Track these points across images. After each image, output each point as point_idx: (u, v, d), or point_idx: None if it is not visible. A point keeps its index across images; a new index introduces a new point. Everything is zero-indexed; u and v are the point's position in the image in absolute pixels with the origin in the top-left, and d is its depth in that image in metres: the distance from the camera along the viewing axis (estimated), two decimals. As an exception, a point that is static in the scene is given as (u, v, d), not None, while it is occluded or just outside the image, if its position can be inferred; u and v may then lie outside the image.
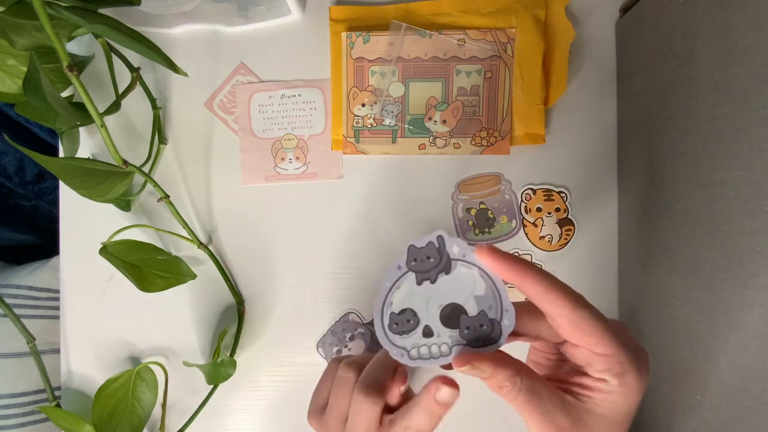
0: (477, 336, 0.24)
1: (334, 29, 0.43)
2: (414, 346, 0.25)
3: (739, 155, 0.26)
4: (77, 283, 0.45)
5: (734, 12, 0.27)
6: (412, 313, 0.25)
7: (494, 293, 0.24)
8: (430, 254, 0.25)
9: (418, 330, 0.25)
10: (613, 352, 0.22)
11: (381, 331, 0.25)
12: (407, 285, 0.25)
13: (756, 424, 0.26)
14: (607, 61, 0.43)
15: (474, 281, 0.24)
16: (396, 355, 0.25)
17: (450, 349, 0.24)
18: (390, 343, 0.25)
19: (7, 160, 0.60)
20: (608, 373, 0.22)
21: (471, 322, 0.24)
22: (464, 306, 0.24)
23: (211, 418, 0.44)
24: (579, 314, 0.22)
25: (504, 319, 0.24)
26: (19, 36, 0.32)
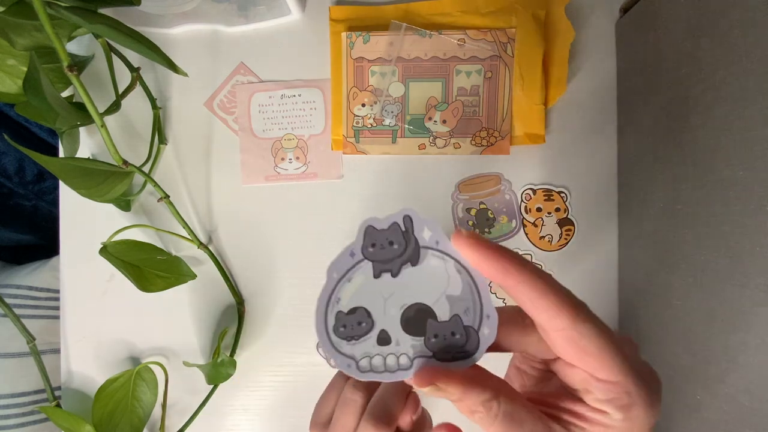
0: (447, 347, 0.19)
1: (334, 29, 0.43)
2: (365, 355, 0.19)
3: (739, 155, 0.26)
4: (77, 283, 0.45)
5: (734, 12, 0.27)
6: (365, 313, 0.20)
7: (473, 293, 0.19)
8: (393, 239, 0.19)
9: (371, 335, 0.19)
10: (620, 380, 0.18)
11: (324, 335, 0.20)
12: (361, 277, 0.20)
13: (756, 424, 0.26)
14: (607, 61, 0.43)
15: (448, 277, 0.19)
16: (341, 366, 0.19)
17: (411, 361, 0.19)
18: (334, 350, 0.20)
19: (7, 160, 0.60)
20: (610, 405, 0.18)
21: (440, 328, 0.19)
22: (433, 308, 0.19)
23: (211, 418, 0.44)
24: (580, 330, 0.17)
25: (483, 328, 0.19)
26: (19, 36, 0.32)
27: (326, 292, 0.20)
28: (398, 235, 0.19)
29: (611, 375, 0.18)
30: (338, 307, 0.20)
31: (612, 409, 0.18)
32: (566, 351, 0.18)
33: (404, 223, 0.19)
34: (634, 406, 0.18)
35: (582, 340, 0.17)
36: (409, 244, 0.19)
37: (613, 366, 0.17)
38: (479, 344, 0.19)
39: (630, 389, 0.18)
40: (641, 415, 0.18)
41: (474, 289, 0.19)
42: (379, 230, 0.20)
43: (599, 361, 0.18)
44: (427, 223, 0.19)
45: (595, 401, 0.18)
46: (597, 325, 0.18)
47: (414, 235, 0.19)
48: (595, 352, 0.17)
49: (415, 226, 0.19)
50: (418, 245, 0.19)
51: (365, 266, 0.20)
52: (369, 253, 0.20)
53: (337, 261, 0.20)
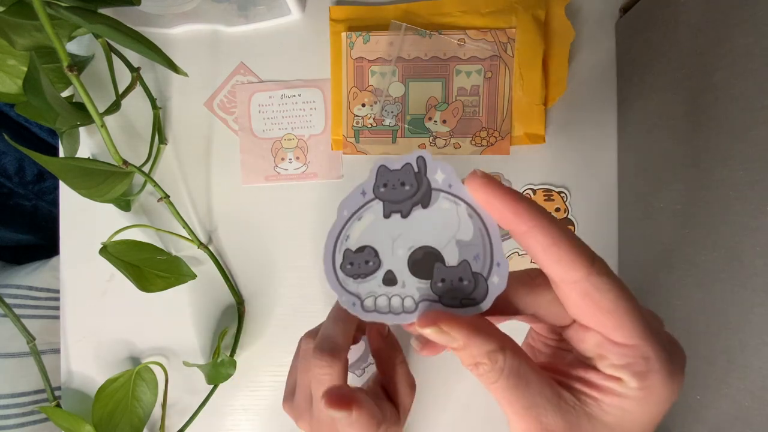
0: (453, 292, 0.18)
1: (334, 29, 0.43)
2: (370, 294, 0.19)
3: (739, 155, 0.26)
4: (77, 283, 0.45)
5: (734, 12, 0.27)
6: (373, 252, 0.19)
7: (484, 240, 0.18)
8: (405, 180, 0.19)
9: (377, 275, 0.19)
10: (638, 343, 0.16)
11: (331, 271, 0.20)
12: (371, 216, 0.19)
13: (756, 424, 0.26)
14: (607, 61, 0.42)
15: (459, 221, 0.18)
16: (346, 303, 0.19)
17: (416, 304, 0.19)
18: (340, 287, 0.20)
19: (7, 160, 0.60)
20: (626, 371, 0.16)
21: (448, 273, 0.18)
22: (442, 252, 0.19)
23: (211, 418, 0.44)
24: (595, 282, 0.16)
25: (493, 276, 0.18)
26: (19, 36, 0.32)
27: (336, 228, 0.20)
28: (410, 176, 0.19)
29: (628, 336, 0.16)
30: (347, 245, 0.20)
31: (627, 375, 0.16)
32: (580, 307, 0.17)
33: (417, 164, 0.19)
34: (652, 373, 0.16)
35: (596, 294, 0.16)
36: (421, 185, 0.19)
37: (630, 326, 0.16)
38: (488, 292, 0.18)
39: (648, 354, 0.16)
40: (659, 384, 0.16)
41: (485, 235, 0.18)
42: (391, 170, 0.19)
43: (615, 319, 0.16)
44: (441, 165, 0.19)
45: (610, 367, 0.17)
46: (613, 280, 0.16)
47: (426, 177, 0.19)
48: (611, 308, 0.16)
49: (429, 168, 0.19)
50: (430, 187, 0.19)
51: (376, 206, 0.19)
52: (380, 192, 0.19)
53: (348, 199, 0.20)
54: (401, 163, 0.19)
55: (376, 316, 0.19)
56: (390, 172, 0.19)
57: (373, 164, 0.19)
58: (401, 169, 0.19)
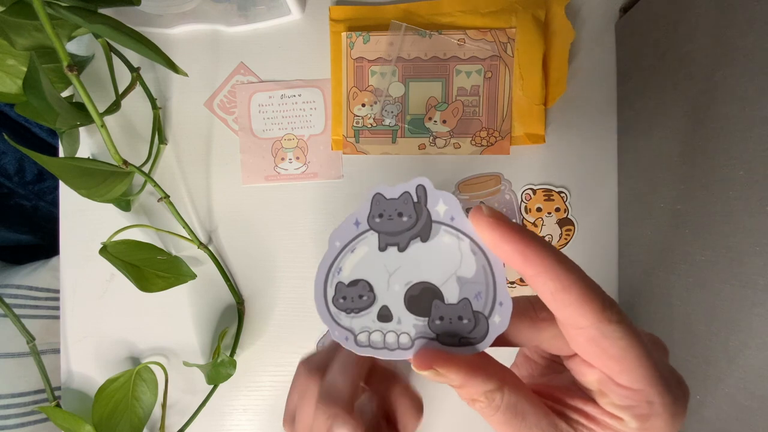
0: (452, 331, 0.17)
1: (334, 29, 0.43)
2: (364, 329, 0.18)
3: (739, 155, 0.26)
4: (77, 283, 0.45)
5: (734, 12, 0.27)
6: (367, 286, 0.18)
7: (487, 277, 0.17)
8: (403, 211, 0.18)
9: (372, 310, 0.18)
10: (643, 388, 0.16)
11: (322, 305, 0.19)
12: (365, 248, 0.18)
13: (756, 424, 0.26)
14: (607, 61, 0.43)
15: (461, 257, 0.17)
16: (338, 338, 0.18)
17: (412, 341, 0.18)
18: (332, 321, 0.19)
19: (7, 160, 0.60)
20: (628, 413, 0.16)
21: (447, 311, 0.17)
22: (441, 289, 0.18)
23: (211, 418, 0.44)
24: (605, 331, 0.15)
25: (495, 315, 0.17)
26: (19, 36, 0.32)
27: (327, 261, 0.19)
28: (409, 206, 0.18)
29: (633, 382, 0.16)
30: (339, 278, 0.19)
31: (629, 416, 0.16)
32: (586, 350, 0.16)
33: (417, 193, 0.18)
34: (654, 416, 0.16)
35: (605, 342, 0.16)
36: (421, 217, 0.18)
37: (637, 372, 0.16)
38: (488, 332, 0.17)
39: (653, 399, 0.16)
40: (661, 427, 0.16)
41: (489, 272, 0.17)
42: (388, 199, 0.18)
43: (622, 366, 0.16)
44: (443, 196, 0.18)
45: (611, 405, 0.17)
46: (624, 327, 0.16)
47: (426, 208, 0.18)
48: (619, 355, 0.16)
49: (429, 198, 0.18)
50: (431, 219, 0.18)
51: (370, 237, 0.18)
52: (375, 223, 0.18)
53: (341, 229, 0.19)
54: (399, 191, 0.18)
55: (371, 351, 0.18)
56: (386, 201, 0.18)
57: (368, 192, 0.18)
58: (399, 198, 0.18)
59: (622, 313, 0.16)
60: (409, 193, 0.18)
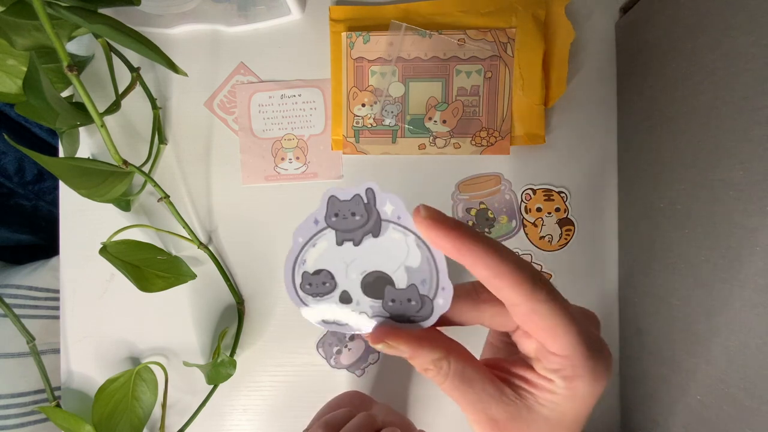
0: (402, 310, 0.20)
1: (334, 29, 0.43)
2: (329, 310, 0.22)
3: (739, 155, 0.26)
4: (77, 283, 0.45)
5: (734, 12, 0.27)
6: (329, 275, 0.21)
7: (431, 266, 0.20)
8: (355, 210, 0.20)
9: (334, 294, 0.21)
10: (568, 354, 0.19)
11: (292, 290, 0.21)
12: (325, 243, 0.21)
13: (756, 424, 0.26)
14: (607, 61, 0.43)
15: (408, 250, 0.20)
16: (308, 315, 0.21)
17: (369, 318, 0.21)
18: (301, 302, 0.21)
19: (7, 160, 0.60)
20: (556, 375, 0.19)
21: (397, 294, 0.20)
22: (392, 276, 0.20)
23: (211, 418, 0.44)
24: (535, 307, 0.18)
25: (438, 298, 0.20)
26: (19, 36, 0.32)
27: (292, 254, 0.21)
28: (360, 207, 0.20)
29: (560, 348, 0.19)
30: (304, 268, 0.21)
31: (557, 378, 0.19)
32: (523, 323, 0.19)
33: (366, 195, 0.20)
34: (578, 378, 0.19)
35: (536, 316, 0.19)
36: (371, 216, 0.20)
37: (563, 340, 0.19)
38: (433, 312, 0.20)
39: (576, 363, 0.19)
40: (584, 386, 0.19)
41: (432, 262, 0.20)
42: (341, 201, 0.20)
43: (551, 335, 0.19)
44: (390, 197, 0.20)
45: (544, 370, 0.20)
46: (551, 303, 0.18)
47: (376, 208, 0.20)
48: (548, 326, 0.19)
49: (378, 200, 0.20)
50: (380, 218, 0.20)
51: (329, 234, 0.21)
52: (332, 222, 0.21)
53: (302, 227, 0.21)
54: (351, 194, 0.20)
55: (336, 327, 0.21)
56: (340, 202, 0.20)
57: (323, 194, 0.21)
58: (351, 199, 0.20)
59: (551, 291, 0.19)
60: (359, 195, 0.20)
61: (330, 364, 0.44)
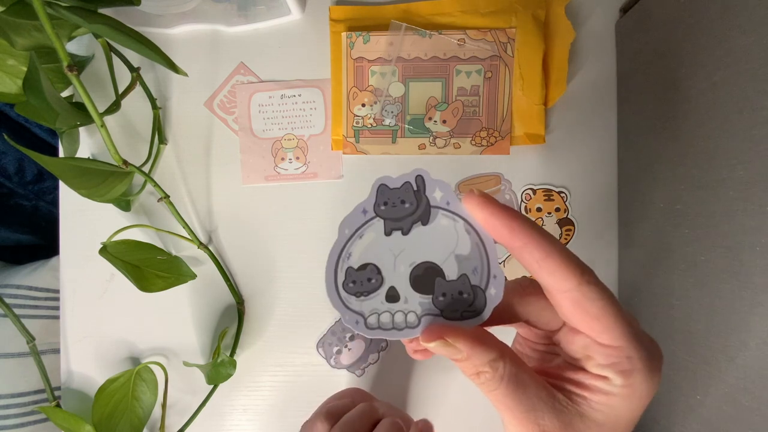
0: (454, 305, 0.19)
1: (334, 29, 0.43)
2: (373, 312, 0.20)
3: (739, 155, 0.26)
4: (77, 283, 0.45)
5: (734, 12, 0.27)
6: (375, 270, 0.20)
7: (481, 254, 0.19)
8: (405, 198, 0.20)
9: (380, 292, 0.20)
10: (622, 345, 0.18)
11: (333, 290, 0.20)
12: (372, 234, 0.20)
13: (756, 424, 0.26)
14: (607, 61, 0.43)
15: (457, 237, 0.19)
16: (349, 322, 0.20)
17: (419, 319, 0.20)
18: (343, 306, 0.20)
19: (7, 160, 0.60)
20: (611, 370, 0.18)
21: (448, 287, 0.19)
22: (442, 267, 0.20)
23: (211, 418, 0.44)
24: (585, 291, 0.18)
25: (491, 288, 0.19)
26: (19, 36, 0.32)
27: (337, 247, 0.20)
28: (410, 194, 0.20)
29: (613, 339, 0.18)
30: (348, 263, 0.20)
31: (613, 374, 0.18)
32: (571, 313, 0.18)
33: (416, 182, 0.20)
34: (635, 371, 0.18)
35: (586, 302, 0.18)
36: (421, 203, 0.20)
37: (615, 330, 0.18)
38: (486, 304, 0.19)
39: (631, 354, 0.18)
40: (641, 381, 0.18)
41: (482, 249, 0.19)
42: (391, 189, 0.20)
43: (602, 324, 0.18)
44: (439, 183, 0.20)
45: (597, 367, 0.18)
46: (601, 289, 0.18)
47: (425, 195, 0.20)
48: (599, 314, 0.18)
49: (427, 186, 0.20)
50: (429, 205, 0.20)
51: (377, 223, 0.20)
52: (381, 210, 0.20)
53: (349, 218, 0.20)
54: (401, 181, 0.20)
55: (380, 333, 0.20)
56: (390, 191, 0.20)
57: (374, 183, 0.20)
58: (401, 187, 0.20)
59: (597, 278, 0.18)
60: (409, 182, 0.20)
61: (330, 364, 0.44)
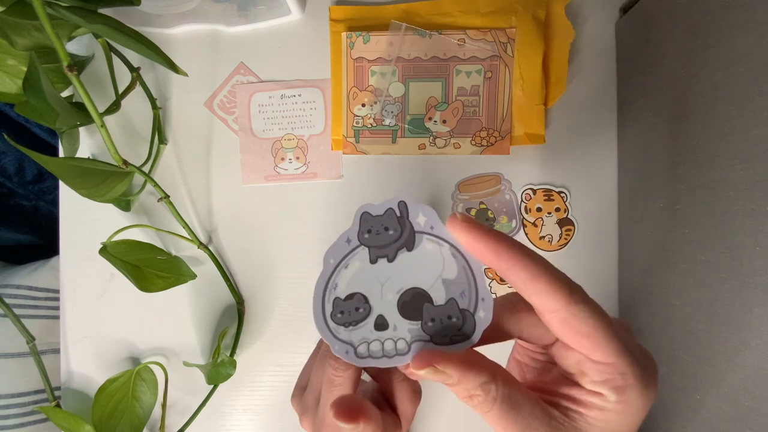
0: (443, 330, 0.19)
1: (334, 29, 0.43)
2: (363, 341, 0.20)
3: (739, 155, 0.26)
4: (77, 283, 0.45)
5: (734, 12, 0.27)
6: (363, 299, 0.20)
7: (468, 277, 0.19)
8: (388, 225, 0.20)
9: (369, 320, 0.20)
10: (615, 361, 0.18)
11: (321, 322, 0.20)
12: (357, 263, 0.20)
13: (756, 424, 0.26)
14: (607, 61, 0.43)
15: (443, 261, 0.19)
16: (339, 352, 0.20)
17: (408, 345, 0.19)
18: (332, 337, 0.20)
19: (7, 160, 0.60)
20: (605, 386, 0.18)
21: (437, 312, 0.19)
22: (429, 292, 0.19)
23: (211, 418, 0.44)
24: (574, 311, 0.17)
25: (479, 311, 0.19)
26: (19, 36, 0.32)
27: (323, 278, 0.20)
28: (393, 220, 0.20)
29: (605, 356, 0.18)
30: (335, 293, 0.20)
31: (607, 390, 0.18)
32: (561, 332, 0.18)
33: (399, 208, 0.20)
34: (629, 387, 0.18)
35: (575, 321, 0.18)
36: (405, 229, 0.20)
37: (606, 347, 0.18)
38: (475, 327, 0.19)
39: (624, 370, 0.18)
40: (636, 396, 0.18)
41: (469, 272, 0.19)
42: (374, 216, 0.20)
43: (593, 342, 0.18)
44: (422, 208, 0.20)
45: (591, 383, 0.18)
46: (590, 307, 0.18)
47: (409, 221, 0.20)
48: (589, 332, 0.18)
49: (410, 212, 0.20)
50: (414, 230, 0.20)
51: (361, 252, 0.20)
52: (365, 239, 0.20)
53: (334, 247, 0.20)
54: (383, 208, 0.20)
55: (371, 361, 0.20)
56: (373, 218, 0.20)
57: (356, 211, 0.20)
58: (384, 214, 0.20)
59: (587, 296, 0.18)
60: (392, 209, 0.20)
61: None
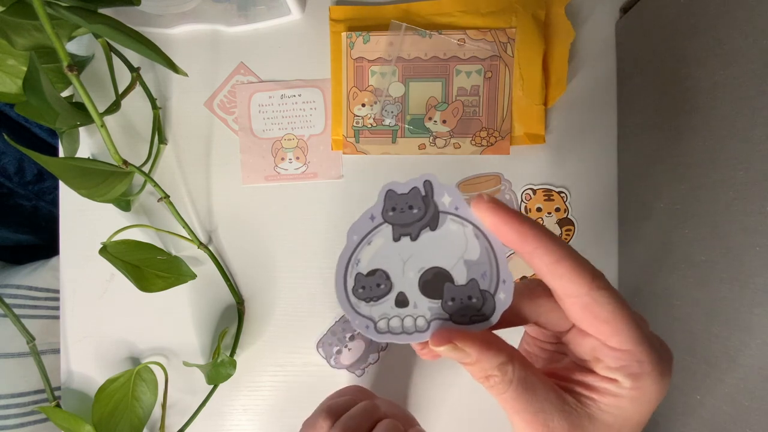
0: (463, 310, 0.19)
1: (334, 29, 0.43)
2: (383, 316, 0.20)
3: (739, 155, 0.26)
4: (77, 283, 0.45)
5: (734, 12, 0.27)
6: (384, 275, 0.20)
7: (490, 259, 0.19)
8: (413, 203, 0.20)
9: (389, 297, 0.20)
10: (632, 348, 0.18)
11: (343, 296, 0.20)
12: (381, 240, 0.20)
13: (756, 424, 0.26)
14: (607, 61, 0.43)
15: (466, 242, 0.19)
16: (359, 327, 0.20)
17: (428, 323, 0.20)
18: (353, 311, 0.20)
19: (7, 160, 0.60)
20: (621, 373, 0.18)
21: (458, 292, 0.19)
22: (451, 272, 0.20)
23: (211, 418, 0.44)
24: (595, 296, 0.17)
25: (500, 292, 0.19)
26: (19, 36, 0.32)
27: (346, 254, 0.20)
28: (418, 199, 0.20)
29: (623, 342, 0.18)
30: (357, 269, 0.20)
31: (622, 377, 0.18)
32: (581, 317, 0.18)
33: (424, 187, 0.20)
34: (644, 375, 0.18)
35: (596, 307, 0.18)
36: (429, 208, 0.20)
37: (625, 333, 0.18)
38: (495, 308, 0.19)
39: (641, 358, 0.18)
40: (651, 384, 0.18)
41: (491, 254, 0.19)
42: (399, 194, 0.20)
43: (612, 328, 0.18)
44: (447, 188, 0.20)
45: (606, 369, 0.18)
46: (612, 294, 0.18)
47: (434, 200, 0.20)
48: (609, 318, 0.18)
49: (435, 192, 0.20)
50: (438, 210, 0.20)
51: (385, 229, 0.20)
52: (389, 216, 0.20)
53: (358, 224, 0.20)
54: (408, 187, 0.20)
55: (390, 336, 0.20)
56: (398, 196, 0.20)
57: (381, 188, 0.20)
58: (409, 192, 0.20)
59: (608, 283, 0.18)
60: (417, 188, 0.20)
61: (330, 364, 0.44)
